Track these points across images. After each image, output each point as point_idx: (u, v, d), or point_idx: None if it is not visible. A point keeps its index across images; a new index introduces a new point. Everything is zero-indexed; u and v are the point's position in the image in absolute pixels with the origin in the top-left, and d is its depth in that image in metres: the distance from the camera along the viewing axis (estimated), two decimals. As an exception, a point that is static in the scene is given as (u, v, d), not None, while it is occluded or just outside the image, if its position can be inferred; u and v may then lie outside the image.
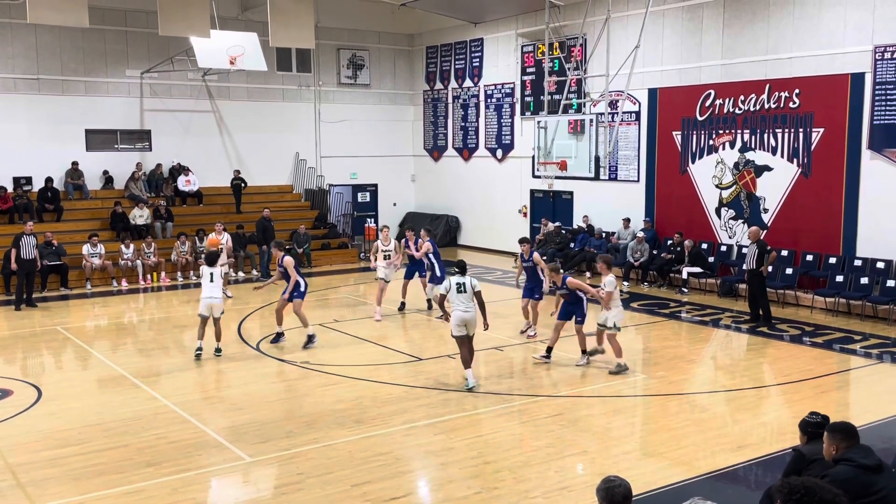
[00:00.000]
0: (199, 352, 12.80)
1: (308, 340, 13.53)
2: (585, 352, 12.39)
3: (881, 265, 15.95)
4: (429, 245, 16.08)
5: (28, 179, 21.52)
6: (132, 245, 20.29)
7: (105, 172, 23.00)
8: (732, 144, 18.70)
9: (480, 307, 11.00)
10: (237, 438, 9.26)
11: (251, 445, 9.05)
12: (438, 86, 27.36)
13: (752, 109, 18.19)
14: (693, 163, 19.59)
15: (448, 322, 11.31)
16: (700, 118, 19.28)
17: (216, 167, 24.72)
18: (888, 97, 15.80)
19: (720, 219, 19.15)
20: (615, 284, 11.94)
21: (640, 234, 19.79)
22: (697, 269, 18.42)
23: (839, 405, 10.80)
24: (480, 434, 9.41)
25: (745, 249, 18.33)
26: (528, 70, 23.88)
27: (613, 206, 21.35)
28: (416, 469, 8.66)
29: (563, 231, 22.10)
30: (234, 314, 16.49)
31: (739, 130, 18.51)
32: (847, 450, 5.25)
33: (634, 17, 19.78)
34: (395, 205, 28.23)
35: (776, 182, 17.88)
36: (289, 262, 13.50)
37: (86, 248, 19.56)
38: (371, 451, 8.82)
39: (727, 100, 18.64)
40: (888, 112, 15.84)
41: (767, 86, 17.83)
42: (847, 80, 16.44)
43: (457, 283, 11.06)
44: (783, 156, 17.73)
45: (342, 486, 7.92)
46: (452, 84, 26.78)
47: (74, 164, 22.25)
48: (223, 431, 9.50)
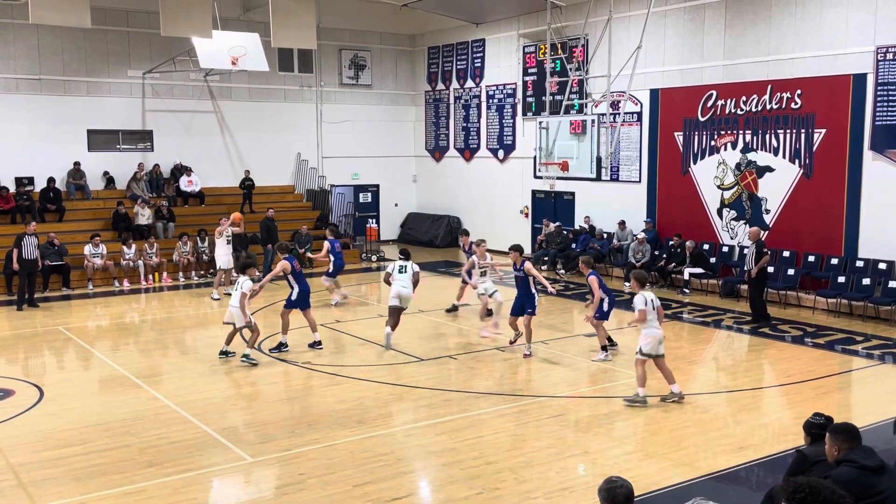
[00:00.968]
0: (248, 358, 12.56)
1: (278, 347, 13.23)
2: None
3: (883, 266, 15.93)
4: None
5: (30, 180, 21.54)
6: (134, 245, 20.30)
7: (105, 173, 23.02)
8: (734, 145, 18.70)
9: (414, 285, 13.75)
10: (238, 438, 9.27)
11: (252, 445, 9.05)
12: (440, 86, 27.36)
13: (754, 110, 18.19)
14: (695, 163, 19.59)
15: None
16: (702, 119, 19.27)
17: (218, 167, 24.75)
18: (890, 98, 15.79)
19: (722, 220, 19.14)
20: (643, 301, 10.42)
21: (642, 235, 19.78)
22: (699, 270, 18.41)
23: (841, 406, 10.78)
24: (482, 434, 9.41)
25: (746, 250, 18.36)
26: (530, 70, 23.88)
27: (615, 207, 21.35)
28: (418, 469, 8.66)
29: (565, 231, 22.10)
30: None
31: (741, 131, 18.50)
32: (849, 451, 5.25)
33: (636, 18, 19.78)
34: (397, 205, 28.25)
35: (778, 183, 17.88)
36: (285, 267, 13.18)
37: (87, 249, 19.57)
38: (372, 452, 8.82)
39: (729, 100, 18.63)
40: (890, 113, 15.83)
41: (769, 86, 17.83)
42: (849, 81, 16.43)
43: (399, 266, 13.83)
44: (785, 156, 17.72)
45: (343, 487, 7.92)
46: (454, 84, 26.79)
47: (76, 165, 22.27)
48: (224, 431, 9.50)
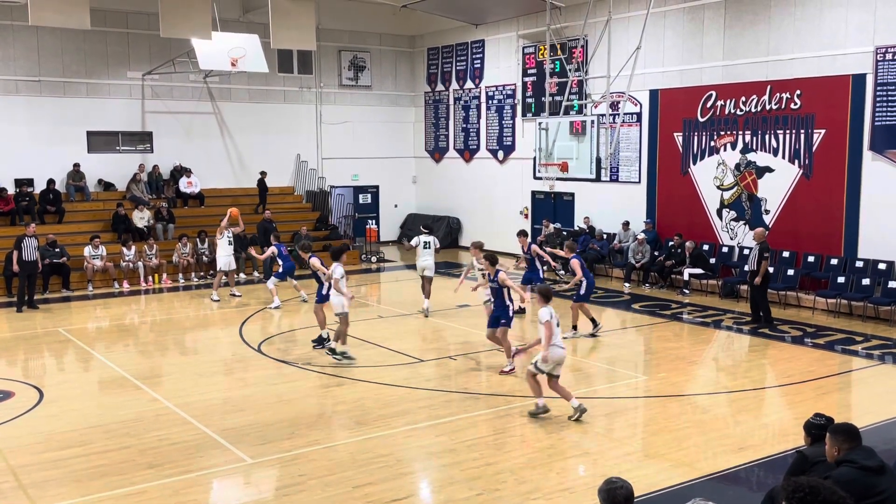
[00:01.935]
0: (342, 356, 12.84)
1: (319, 341, 13.60)
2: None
3: (882, 266, 15.93)
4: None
5: (30, 181, 21.53)
6: (133, 247, 20.30)
7: (100, 181, 22.98)
8: (734, 146, 18.70)
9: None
10: (239, 440, 9.26)
11: (253, 447, 9.05)
12: (440, 87, 27.37)
13: (754, 111, 18.19)
14: (694, 164, 19.59)
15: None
16: (701, 119, 19.28)
17: (217, 169, 24.76)
18: (889, 98, 15.79)
19: (721, 220, 19.15)
20: (549, 314, 9.80)
21: (642, 236, 19.79)
22: (699, 271, 18.41)
23: (841, 406, 10.79)
24: (482, 435, 9.41)
25: (748, 251, 18.36)
26: (530, 71, 23.89)
27: (615, 208, 21.36)
28: (418, 471, 8.66)
29: (564, 232, 22.10)
30: (237, 315, 16.51)
31: (741, 132, 18.51)
32: (849, 451, 5.25)
33: (635, 19, 19.79)
34: (397, 206, 28.25)
35: (777, 183, 17.88)
36: (314, 264, 13.53)
37: (87, 250, 19.57)
38: (373, 453, 8.82)
39: (728, 101, 18.64)
40: (889, 113, 15.83)
41: (769, 87, 17.84)
42: (848, 82, 16.44)
43: (424, 242, 15.91)
44: (784, 157, 17.72)
45: (344, 488, 7.92)
46: (454, 85, 26.80)
47: (76, 166, 22.27)
48: (225, 433, 9.50)
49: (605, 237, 21.10)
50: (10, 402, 10.77)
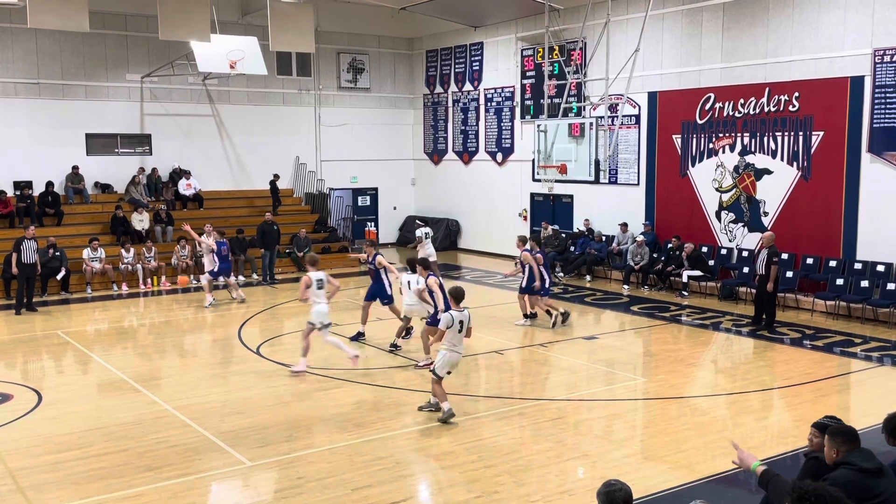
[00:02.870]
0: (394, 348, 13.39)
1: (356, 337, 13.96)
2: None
3: (881, 268, 15.94)
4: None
5: (29, 184, 21.52)
6: (132, 249, 20.29)
7: (97, 184, 22.97)
8: (732, 148, 18.72)
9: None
10: (237, 442, 9.26)
11: (251, 449, 9.04)
12: (438, 89, 27.39)
13: (752, 113, 18.21)
14: (693, 166, 19.60)
15: None
16: (700, 121, 19.29)
17: (216, 171, 24.75)
18: (888, 100, 15.81)
19: (720, 222, 19.15)
20: (450, 321, 9.69)
21: (640, 238, 19.79)
22: (698, 273, 18.42)
23: (840, 408, 10.78)
24: (481, 438, 9.40)
25: (747, 253, 18.37)
26: (528, 74, 23.91)
27: (613, 210, 21.36)
28: (417, 473, 8.66)
29: (563, 234, 22.11)
30: (237, 317, 16.50)
31: (739, 134, 18.52)
32: (848, 453, 5.25)
33: (634, 21, 19.80)
34: (396, 209, 28.26)
35: (776, 185, 17.89)
36: (380, 262, 13.79)
37: (86, 253, 19.56)
38: (371, 455, 8.82)
39: (727, 103, 18.66)
40: (888, 115, 15.85)
41: (767, 89, 17.85)
42: (847, 84, 16.46)
43: (425, 232, 16.72)
44: (783, 159, 17.74)
45: (342, 491, 7.92)
46: (452, 88, 26.81)
47: (75, 169, 22.26)
48: (223, 435, 9.49)
49: (604, 239, 21.11)
50: (9, 405, 10.75)
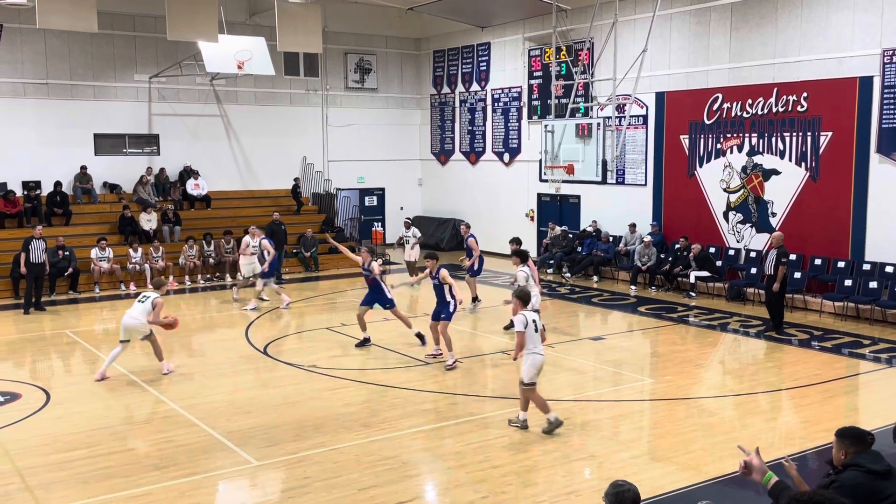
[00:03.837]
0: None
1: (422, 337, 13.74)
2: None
3: (890, 269, 15.87)
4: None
5: (37, 183, 21.61)
6: (140, 249, 20.35)
7: (105, 183, 23.05)
8: (740, 148, 18.67)
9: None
10: (244, 442, 9.27)
11: (258, 449, 9.05)
12: (445, 90, 27.39)
13: (760, 113, 18.15)
14: (701, 166, 19.55)
15: None
16: (708, 122, 19.24)
17: (224, 171, 24.80)
18: (897, 101, 15.75)
19: (728, 223, 19.10)
20: (524, 322, 9.33)
21: (648, 239, 19.75)
22: (705, 274, 18.37)
23: (848, 410, 10.75)
24: (487, 438, 9.39)
25: (755, 254, 18.31)
26: (536, 74, 23.89)
27: (621, 210, 21.33)
28: (424, 473, 8.65)
29: (570, 235, 22.08)
30: (245, 317, 16.52)
31: (747, 134, 18.47)
32: (856, 455, 5.22)
33: (642, 21, 19.77)
34: (403, 209, 28.26)
35: (784, 186, 17.84)
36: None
37: (94, 252, 19.63)
38: (378, 455, 8.82)
39: (735, 103, 18.61)
40: (897, 115, 15.79)
41: (775, 89, 17.80)
42: (855, 84, 16.39)
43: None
44: (791, 159, 17.68)
45: (349, 490, 7.92)
46: (459, 88, 26.81)
47: (83, 169, 22.34)
48: (230, 435, 9.51)
49: (612, 240, 21.07)
50: (17, 404, 10.79)
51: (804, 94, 17.28)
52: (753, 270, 17.76)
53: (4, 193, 20.79)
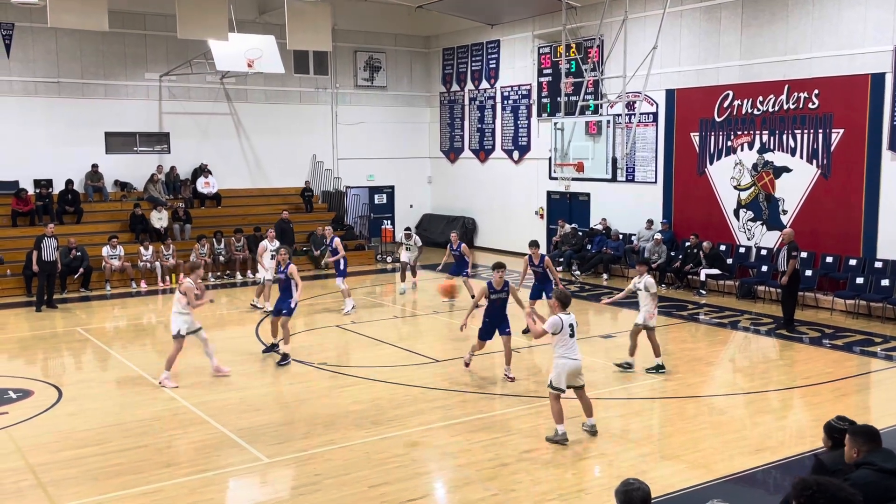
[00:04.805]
0: None
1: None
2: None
3: (902, 267, 15.80)
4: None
5: (49, 182, 21.71)
6: (151, 247, 20.43)
7: (117, 182, 23.13)
8: (751, 145, 18.59)
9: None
10: (255, 439, 9.30)
11: (269, 446, 9.08)
12: (455, 88, 27.38)
13: (771, 110, 18.07)
14: (711, 164, 19.49)
15: None
16: (718, 119, 19.17)
17: (234, 169, 24.87)
18: (909, 97, 15.65)
19: (738, 220, 19.03)
20: (558, 324, 9.01)
21: (658, 236, 19.70)
22: (716, 271, 18.31)
23: (859, 408, 10.70)
24: (497, 436, 9.40)
25: (766, 252, 18.23)
26: (545, 71, 23.85)
27: (631, 208, 21.28)
28: (433, 471, 8.66)
29: (579, 233, 22.04)
30: (255, 314, 16.56)
31: (758, 131, 18.39)
32: (868, 453, 5.20)
33: (652, 18, 19.71)
34: (412, 206, 28.28)
35: (795, 183, 17.75)
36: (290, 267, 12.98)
37: (105, 250, 19.72)
38: (388, 453, 8.83)
39: (745, 101, 18.53)
40: (909, 112, 15.69)
41: (786, 86, 17.71)
42: (867, 81, 16.30)
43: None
44: (802, 157, 17.60)
45: (359, 488, 7.93)
46: (469, 86, 26.79)
47: (94, 167, 22.44)
48: (241, 432, 9.54)
49: (622, 237, 21.02)
50: (30, 401, 10.86)
51: (815, 91, 17.19)
52: (764, 268, 17.70)
53: (16, 192, 20.91)
